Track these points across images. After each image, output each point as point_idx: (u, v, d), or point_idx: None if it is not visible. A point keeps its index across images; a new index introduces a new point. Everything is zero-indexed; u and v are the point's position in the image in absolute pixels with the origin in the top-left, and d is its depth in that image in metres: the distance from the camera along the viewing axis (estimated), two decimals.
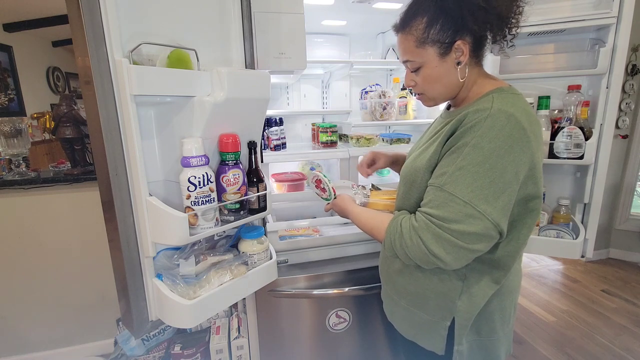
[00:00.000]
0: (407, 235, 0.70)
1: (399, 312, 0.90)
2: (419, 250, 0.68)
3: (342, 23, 1.64)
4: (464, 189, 0.64)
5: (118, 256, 0.81)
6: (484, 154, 0.64)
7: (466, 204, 0.64)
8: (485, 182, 0.64)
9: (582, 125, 1.24)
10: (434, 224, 0.66)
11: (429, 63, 0.73)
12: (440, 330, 0.80)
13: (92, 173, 1.74)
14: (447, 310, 0.79)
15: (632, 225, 2.97)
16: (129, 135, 0.75)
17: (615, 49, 1.18)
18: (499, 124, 0.64)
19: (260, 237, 1.02)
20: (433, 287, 0.80)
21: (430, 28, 0.70)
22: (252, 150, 0.96)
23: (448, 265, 0.67)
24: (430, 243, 0.66)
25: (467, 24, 0.68)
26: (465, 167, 0.65)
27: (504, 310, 0.82)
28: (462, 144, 0.66)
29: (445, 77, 0.74)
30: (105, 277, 1.82)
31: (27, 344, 1.82)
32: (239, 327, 1.42)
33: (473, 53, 0.73)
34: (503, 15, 0.68)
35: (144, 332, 0.90)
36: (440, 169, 0.70)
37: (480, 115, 0.66)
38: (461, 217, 0.64)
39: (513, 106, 0.66)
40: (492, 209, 0.64)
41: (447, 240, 0.65)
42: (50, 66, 4.00)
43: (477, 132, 0.65)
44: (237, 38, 0.98)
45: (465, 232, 0.64)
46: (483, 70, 0.77)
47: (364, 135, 1.48)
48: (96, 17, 0.70)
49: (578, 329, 2.11)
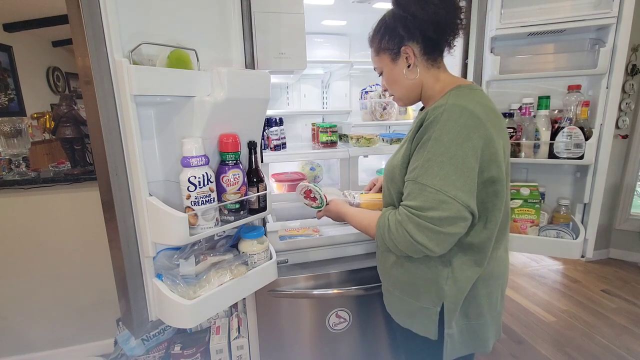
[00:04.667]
0: (394, 229, 0.76)
1: (394, 302, 0.96)
2: (405, 241, 0.74)
3: (342, 23, 1.64)
4: (433, 178, 0.72)
5: (118, 256, 0.81)
6: (445, 145, 0.72)
7: (437, 191, 0.71)
8: (451, 170, 0.71)
9: (582, 125, 1.24)
10: (414, 215, 0.73)
11: (386, 67, 0.89)
12: (431, 315, 0.86)
13: (92, 173, 1.74)
14: (436, 296, 0.84)
15: (632, 225, 2.97)
16: (129, 135, 0.75)
17: (615, 49, 1.18)
18: (453, 116, 0.73)
19: (260, 237, 1.02)
20: (422, 275, 0.86)
21: (382, 39, 0.86)
22: (252, 150, 0.96)
23: (433, 251, 0.74)
24: (414, 233, 0.73)
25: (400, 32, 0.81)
26: (431, 159, 0.73)
27: (490, 295, 0.88)
28: (426, 138, 0.74)
29: (400, 78, 0.87)
30: (105, 277, 1.82)
31: (27, 344, 1.82)
32: (239, 327, 1.42)
33: (425, 56, 0.83)
34: (442, 25, 0.78)
35: (144, 332, 0.90)
36: (412, 164, 0.77)
37: (438, 110, 0.74)
38: (435, 204, 0.71)
39: (466, 100, 0.75)
40: (460, 192, 0.71)
41: (427, 228, 0.72)
42: (50, 66, 4.00)
43: (436, 126, 0.73)
44: (237, 38, 0.98)
45: (442, 218, 0.71)
46: (444, 71, 0.86)
47: (364, 135, 1.48)
48: (96, 17, 0.70)
49: (578, 329, 2.11)
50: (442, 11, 0.76)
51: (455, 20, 0.79)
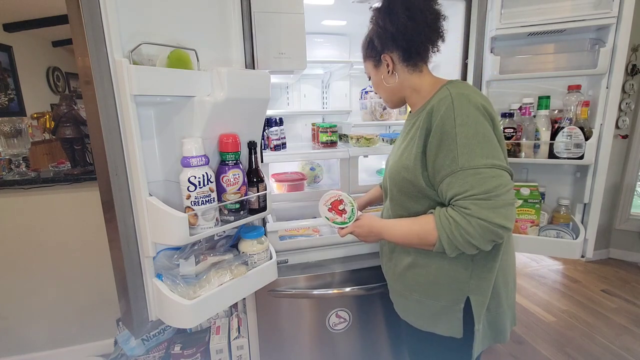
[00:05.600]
0: (465, 223, 0.72)
1: (412, 306, 0.93)
2: (484, 231, 0.71)
3: (342, 23, 1.64)
4: (481, 159, 0.72)
5: (118, 256, 0.81)
6: (473, 127, 0.73)
7: (491, 168, 0.72)
8: (490, 146, 0.73)
9: (582, 125, 1.24)
10: (485, 199, 0.70)
11: (370, 72, 0.97)
12: (456, 313, 0.84)
13: (92, 173, 1.74)
14: (460, 293, 0.84)
15: (632, 225, 2.97)
16: (129, 135, 0.75)
17: (615, 49, 1.18)
18: (465, 102, 0.75)
19: (260, 237, 1.02)
20: (444, 273, 0.84)
21: (367, 48, 0.94)
22: (252, 150, 0.97)
23: (510, 229, 0.72)
24: (493, 217, 0.70)
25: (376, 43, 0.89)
26: (467, 143, 0.73)
27: (507, 283, 0.89)
28: (448, 128, 0.74)
29: (382, 83, 0.93)
30: (105, 277, 1.82)
31: (27, 344, 1.82)
32: (239, 327, 1.42)
33: (404, 62, 0.87)
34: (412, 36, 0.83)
35: (144, 332, 0.90)
36: (446, 157, 0.75)
37: (445, 101, 0.76)
38: (497, 182, 0.71)
39: (466, 89, 0.79)
40: (504, 163, 0.75)
41: (503, 206, 0.71)
42: (50, 66, 3.99)
43: (454, 113, 0.74)
44: (237, 38, 0.98)
45: (508, 191, 0.72)
46: (427, 74, 0.89)
47: (364, 135, 1.48)
48: (96, 17, 0.70)
49: (578, 329, 2.11)
50: (410, 23, 0.81)
51: (425, 30, 0.83)
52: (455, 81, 0.85)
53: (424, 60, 0.89)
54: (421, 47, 0.85)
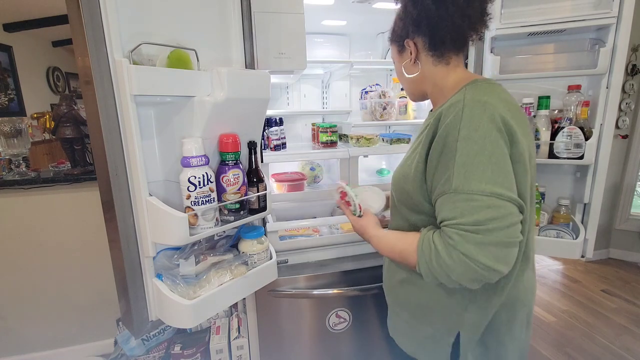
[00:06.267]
0: (446, 255, 0.61)
1: (400, 326, 0.86)
2: (465, 268, 0.59)
3: (342, 23, 1.64)
4: (478, 183, 0.60)
5: (118, 256, 0.81)
6: (478, 143, 0.61)
7: (489, 197, 0.59)
8: (494, 169, 0.60)
9: (582, 125, 1.24)
10: (471, 232, 0.59)
11: (394, 58, 0.87)
12: (444, 345, 0.76)
13: (92, 173, 1.74)
14: (453, 323, 0.75)
15: (632, 225, 2.96)
16: (129, 135, 0.75)
17: (615, 49, 1.18)
18: (477, 111, 0.63)
19: (260, 237, 1.02)
20: (439, 298, 0.75)
21: (393, 30, 0.83)
22: (252, 150, 0.96)
23: (502, 273, 0.60)
24: (476, 255, 0.58)
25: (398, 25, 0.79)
26: (467, 162, 0.61)
27: (511, 321, 0.76)
28: (451, 140, 0.63)
29: (403, 72, 0.83)
30: (105, 277, 1.82)
31: (27, 344, 1.82)
32: (239, 327, 1.42)
33: (430, 52, 0.75)
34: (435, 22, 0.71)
35: (144, 332, 0.90)
36: (441, 173, 0.65)
37: (456, 107, 0.65)
38: (492, 213, 0.58)
39: (486, 94, 0.66)
40: (511, 193, 0.61)
41: (492, 244, 0.58)
42: (50, 66, 3.99)
43: (460, 124, 0.62)
44: (237, 38, 0.98)
45: (504, 227, 0.59)
46: (457, 68, 0.76)
47: (364, 135, 1.48)
48: (96, 17, 0.70)
49: (578, 329, 2.11)
50: (435, 6, 0.69)
51: (454, 15, 0.69)
52: (480, 81, 0.71)
53: (453, 50, 0.75)
54: (447, 35, 0.72)
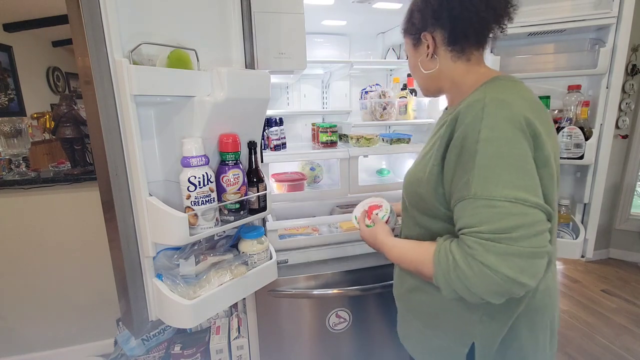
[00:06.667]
0: (465, 266, 0.56)
1: (412, 334, 0.82)
2: (486, 280, 0.54)
3: (342, 23, 1.64)
4: (501, 188, 0.55)
5: (118, 256, 0.81)
6: (499, 145, 0.57)
7: (513, 203, 0.54)
8: (519, 173, 0.56)
9: (582, 125, 1.24)
10: (492, 241, 0.54)
11: (408, 52, 0.81)
12: (458, 356, 0.72)
13: (92, 173, 1.74)
14: (466, 334, 0.71)
15: (632, 225, 2.96)
16: (129, 135, 0.75)
17: (615, 49, 1.18)
18: (498, 111, 0.59)
19: (260, 237, 1.02)
20: (451, 307, 0.71)
21: (407, 21, 0.79)
22: (252, 150, 0.96)
23: (529, 286, 0.54)
24: (500, 266, 0.53)
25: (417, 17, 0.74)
26: (487, 165, 0.57)
27: (534, 331, 0.71)
28: (470, 142, 0.59)
29: (419, 67, 0.78)
30: (105, 277, 1.82)
31: (27, 344, 1.82)
32: (239, 327, 1.42)
33: (449, 46, 0.71)
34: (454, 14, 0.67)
35: (144, 332, 0.90)
36: (461, 178, 0.60)
37: (475, 107, 0.61)
38: (517, 221, 0.54)
39: (508, 93, 0.63)
40: (536, 198, 0.56)
41: (518, 255, 0.53)
42: (50, 66, 3.99)
43: (480, 125, 0.58)
44: (237, 38, 0.98)
45: (531, 236, 0.54)
46: (477, 64, 0.72)
47: (364, 135, 1.48)
48: (96, 17, 0.70)
49: (578, 329, 2.11)
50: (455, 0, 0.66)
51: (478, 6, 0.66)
52: (501, 78, 0.67)
53: (474, 45, 0.70)
54: (470, 29, 0.68)
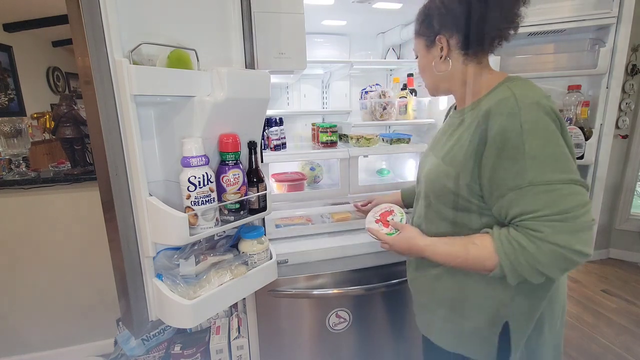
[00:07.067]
0: (534, 248, 0.62)
1: (438, 323, 0.84)
2: (556, 258, 0.62)
3: (342, 23, 1.64)
4: (553, 173, 0.62)
5: (118, 256, 0.81)
6: (544, 134, 0.63)
7: (570, 184, 0.62)
8: (562, 158, 0.64)
9: (582, 125, 1.24)
10: (560, 221, 0.61)
11: (420, 52, 0.84)
12: (491, 337, 0.75)
13: (92, 173, 1.74)
14: (497, 316, 0.74)
15: (632, 225, 2.96)
16: (129, 135, 0.75)
17: (615, 49, 1.18)
18: (533, 106, 0.64)
19: (260, 237, 1.02)
20: (481, 289, 0.75)
21: (422, 23, 0.81)
22: (252, 150, 0.96)
23: (589, 256, 0.63)
24: (571, 242, 0.61)
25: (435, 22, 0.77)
26: (538, 154, 0.63)
27: (553, 309, 0.78)
28: (513, 135, 0.64)
29: (431, 68, 0.82)
30: (105, 277, 1.82)
31: (27, 344, 1.82)
32: (239, 327, 1.42)
33: (462, 50, 0.76)
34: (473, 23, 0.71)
35: (144, 332, 0.90)
36: (509, 169, 0.65)
37: (507, 103, 0.66)
38: (578, 200, 0.62)
39: (531, 90, 0.68)
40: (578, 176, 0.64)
41: (582, 230, 0.62)
42: (50, 66, 4.00)
43: (521, 119, 0.63)
44: (237, 38, 0.98)
45: (585, 212, 0.62)
46: (486, 69, 0.77)
47: (364, 135, 1.48)
48: (96, 17, 0.70)
49: (578, 329, 2.11)
50: (481, 5, 0.69)
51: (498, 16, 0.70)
52: (515, 78, 0.73)
53: (486, 50, 0.76)
54: (487, 36, 0.72)
